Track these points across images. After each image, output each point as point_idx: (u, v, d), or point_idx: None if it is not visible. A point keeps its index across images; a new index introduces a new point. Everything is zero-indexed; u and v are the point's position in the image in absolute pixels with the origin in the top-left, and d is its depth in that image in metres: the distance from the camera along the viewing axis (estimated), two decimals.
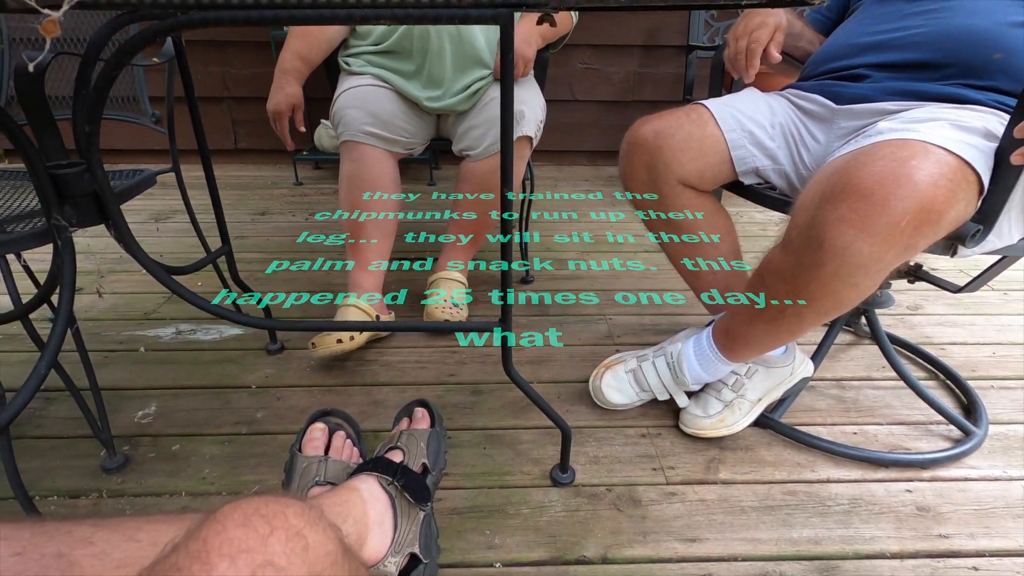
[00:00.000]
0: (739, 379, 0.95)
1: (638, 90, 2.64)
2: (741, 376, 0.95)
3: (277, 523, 0.30)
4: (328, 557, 0.31)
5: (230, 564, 0.26)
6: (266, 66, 2.47)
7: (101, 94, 0.63)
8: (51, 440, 0.97)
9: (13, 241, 0.74)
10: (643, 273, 1.62)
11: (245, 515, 0.29)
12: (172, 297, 1.44)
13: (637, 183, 0.96)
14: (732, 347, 0.90)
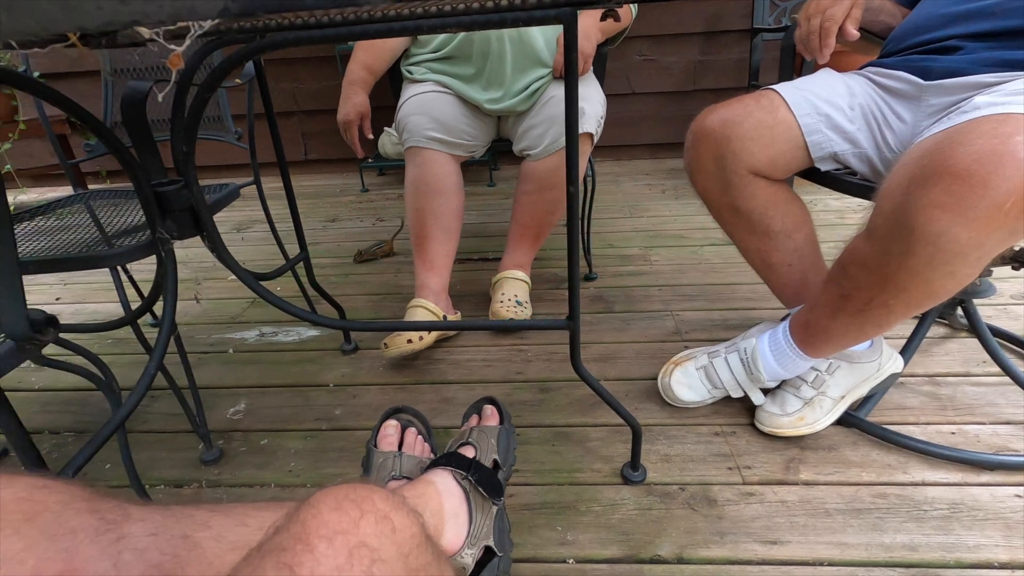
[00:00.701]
0: (820, 375, 0.91)
1: (699, 79, 2.56)
2: (822, 372, 0.90)
3: (366, 507, 0.31)
4: (413, 539, 0.32)
5: (328, 545, 0.28)
6: (332, 79, 2.58)
7: (196, 116, 0.68)
8: (156, 434, 1.06)
9: (123, 254, 0.82)
10: (710, 267, 1.57)
11: (337, 500, 0.31)
12: (255, 302, 1.54)
13: (704, 175, 0.93)
14: (812, 342, 0.86)
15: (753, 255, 0.97)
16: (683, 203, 2.09)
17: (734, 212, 0.93)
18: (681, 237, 1.78)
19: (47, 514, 0.30)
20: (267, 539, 0.30)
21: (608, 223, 1.95)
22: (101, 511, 0.32)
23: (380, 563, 0.29)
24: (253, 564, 0.28)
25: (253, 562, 0.28)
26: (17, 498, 0.29)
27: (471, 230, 1.93)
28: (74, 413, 1.14)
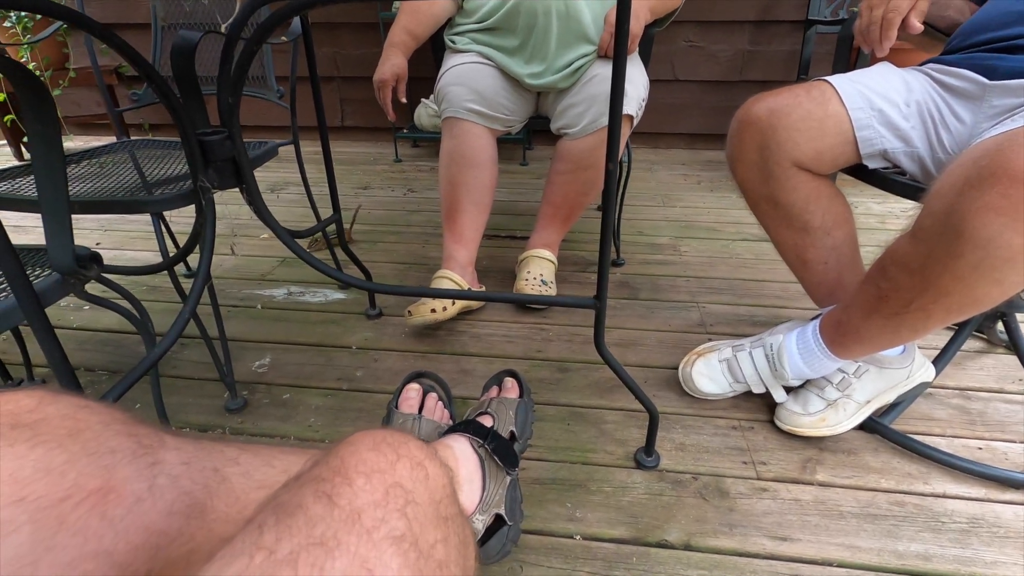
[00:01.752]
0: (846, 378, 0.89)
1: (746, 69, 2.49)
2: (849, 375, 0.89)
3: (402, 451, 0.32)
4: (444, 489, 0.33)
5: (366, 481, 0.29)
6: (374, 46, 2.58)
7: (243, 68, 0.69)
8: (184, 380, 1.10)
9: (164, 201, 0.84)
10: (741, 261, 1.54)
11: (375, 441, 0.32)
12: (285, 261, 1.57)
13: (746, 164, 0.91)
14: (842, 342, 0.84)
15: (788, 250, 0.95)
16: (718, 196, 2.05)
17: (773, 204, 0.91)
18: (713, 230, 1.75)
19: (88, 432, 0.31)
20: (305, 471, 0.31)
21: (639, 210, 1.92)
22: (138, 435, 0.33)
23: (413, 505, 0.29)
24: (292, 491, 0.29)
25: (292, 489, 0.29)
26: (61, 415, 0.31)
27: (500, 207, 1.93)
28: (108, 353, 1.19)
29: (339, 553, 0.25)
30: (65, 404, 0.32)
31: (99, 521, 0.29)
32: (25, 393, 0.31)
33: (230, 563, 0.25)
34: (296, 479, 0.30)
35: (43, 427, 0.29)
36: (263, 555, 0.25)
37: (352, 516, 0.27)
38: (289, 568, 0.24)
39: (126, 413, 0.35)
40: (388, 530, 0.27)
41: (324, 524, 0.26)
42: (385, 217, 1.89)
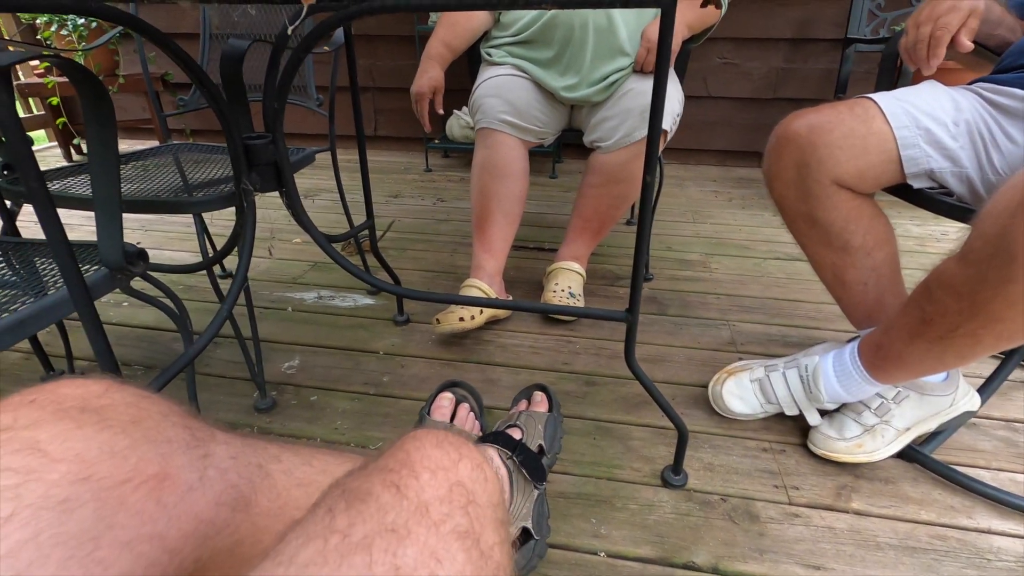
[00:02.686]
0: (885, 403, 0.86)
1: (781, 87, 2.46)
2: (888, 400, 0.86)
3: (464, 452, 0.33)
4: (498, 494, 0.33)
5: (431, 476, 0.29)
6: (408, 59, 2.63)
7: (289, 75, 0.71)
8: (216, 378, 1.12)
9: (207, 202, 0.87)
10: (773, 280, 1.51)
11: (438, 439, 0.32)
12: (316, 265, 1.59)
13: (784, 182, 0.89)
14: (882, 366, 0.82)
15: (826, 270, 0.93)
16: (750, 213, 2.02)
17: (811, 222, 0.89)
18: (745, 248, 1.72)
19: (149, 421, 0.32)
20: (370, 461, 0.32)
21: (669, 226, 1.91)
22: (192, 428, 0.34)
23: (474, 505, 0.30)
24: (360, 478, 0.29)
25: (359, 476, 0.30)
26: (126, 402, 0.32)
27: (529, 219, 1.93)
28: (144, 349, 1.22)
29: (410, 542, 0.25)
30: (129, 393, 0.33)
31: (155, 505, 0.29)
32: (94, 380, 0.32)
33: (305, 544, 0.25)
34: (362, 468, 0.31)
35: (109, 412, 0.31)
36: (338, 538, 0.25)
37: (420, 508, 0.27)
38: (363, 552, 0.25)
39: (181, 406, 0.36)
40: (454, 525, 0.27)
41: (395, 512, 0.27)
42: (415, 225, 1.91)
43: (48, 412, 0.29)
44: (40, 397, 0.30)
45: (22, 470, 0.26)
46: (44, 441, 0.27)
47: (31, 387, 0.31)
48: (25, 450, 0.27)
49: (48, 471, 0.26)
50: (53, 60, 0.49)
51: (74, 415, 0.29)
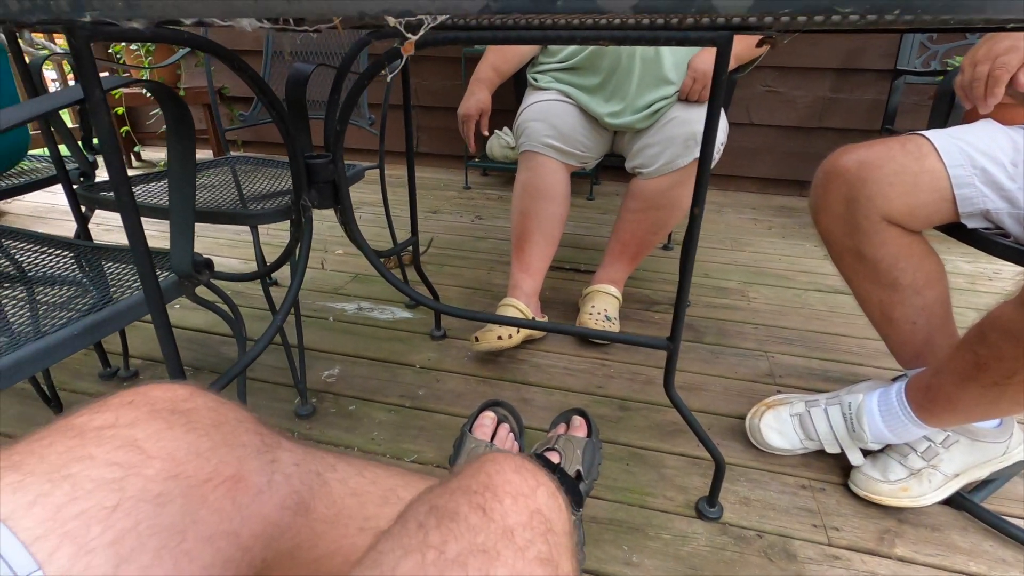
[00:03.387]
0: (933, 447, 0.83)
1: (826, 116, 2.43)
2: (936, 444, 0.83)
3: (540, 479, 0.34)
4: (570, 523, 0.34)
5: (513, 502, 0.31)
6: (453, 79, 2.70)
7: (353, 99, 0.74)
8: (260, 383, 1.16)
9: (265, 215, 0.91)
10: (813, 313, 1.49)
11: (516, 465, 0.34)
12: (357, 277, 1.64)
13: (831, 215, 0.89)
14: (931, 409, 0.80)
15: (873, 306, 0.91)
16: (790, 243, 1.99)
17: (859, 258, 0.88)
18: (784, 278, 1.70)
19: (227, 426, 0.34)
20: (451, 480, 0.33)
21: (707, 252, 1.89)
22: (262, 434, 0.36)
23: (552, 533, 0.31)
24: (445, 496, 0.31)
25: (444, 495, 0.31)
26: (208, 407, 0.34)
27: (566, 240, 1.94)
28: (194, 351, 1.27)
29: (500, 564, 0.27)
30: (210, 399, 0.35)
31: (231, 505, 0.31)
32: (180, 385, 0.35)
33: (404, 557, 0.27)
34: (443, 486, 0.32)
35: (194, 416, 0.33)
36: (434, 554, 0.26)
37: (506, 532, 0.28)
38: (459, 569, 0.26)
39: (252, 413, 0.38)
40: (536, 552, 0.28)
41: (484, 534, 0.28)
42: (453, 242, 1.95)
43: (144, 413, 0.32)
44: (136, 399, 0.33)
45: (125, 464, 0.28)
46: (141, 439, 0.30)
47: (128, 390, 0.34)
48: (127, 446, 0.29)
49: (145, 467, 0.29)
50: (147, 85, 0.53)
51: (165, 416, 0.32)
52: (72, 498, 0.25)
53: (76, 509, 0.25)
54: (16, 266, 0.81)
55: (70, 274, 0.79)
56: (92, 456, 0.28)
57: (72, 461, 0.27)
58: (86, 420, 0.30)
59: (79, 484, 0.26)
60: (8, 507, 0.24)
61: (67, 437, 0.29)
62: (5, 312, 0.72)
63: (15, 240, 0.85)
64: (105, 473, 0.27)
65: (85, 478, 0.27)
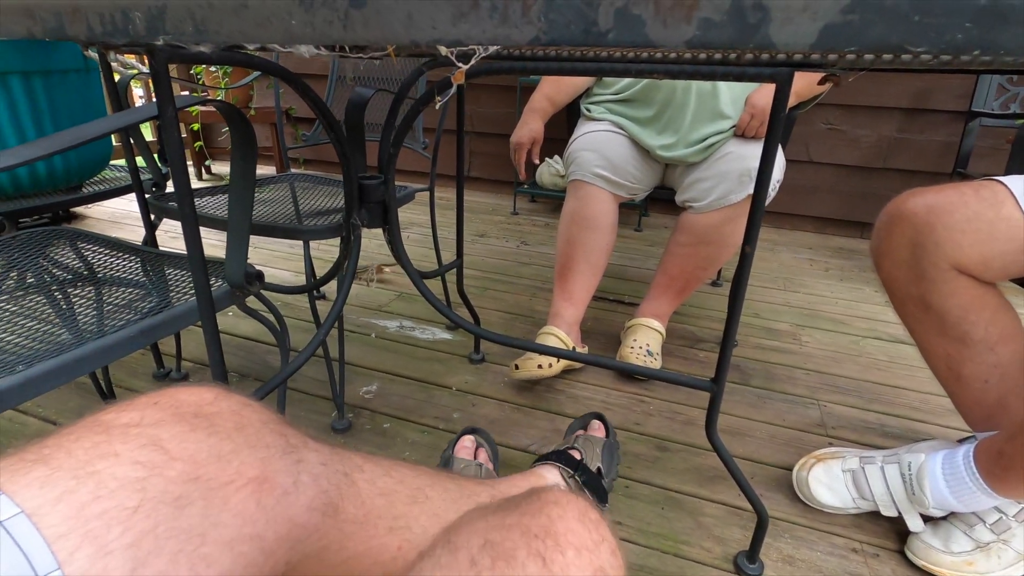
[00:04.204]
0: (1004, 519, 0.76)
1: (891, 157, 2.34)
2: (1008, 517, 0.76)
3: (604, 533, 0.32)
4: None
5: (576, 555, 0.29)
6: (508, 107, 2.76)
7: (408, 124, 0.76)
8: (299, 393, 1.18)
9: (317, 231, 0.94)
10: (872, 362, 1.40)
11: (579, 511, 0.32)
12: (401, 295, 1.67)
13: (894, 261, 0.84)
14: (1003, 477, 0.73)
15: (939, 360, 0.85)
16: (848, 286, 1.90)
17: (924, 307, 0.83)
18: (840, 323, 1.62)
19: (250, 428, 0.34)
20: (507, 512, 0.31)
21: (758, 291, 1.83)
22: (287, 435, 0.37)
23: None
24: (502, 533, 0.29)
25: (501, 530, 0.30)
26: (231, 410, 0.35)
27: (610, 271, 1.92)
28: (241, 358, 1.31)
29: None
30: (234, 401, 0.36)
31: (255, 507, 0.31)
32: (206, 388, 0.36)
33: None
34: (498, 517, 0.31)
35: (217, 419, 0.33)
36: None
37: None
38: None
39: (277, 415, 0.39)
40: None
41: None
42: (497, 266, 1.96)
43: (168, 414, 0.32)
44: (162, 400, 0.33)
45: (147, 464, 0.29)
46: (165, 440, 0.30)
47: (154, 391, 0.35)
48: (151, 445, 0.30)
49: (167, 468, 0.29)
50: (216, 104, 0.57)
51: (189, 419, 0.32)
52: (96, 496, 0.26)
53: (99, 508, 0.26)
54: (88, 267, 0.86)
55: (135, 277, 0.83)
56: (117, 453, 0.28)
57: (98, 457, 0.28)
58: (113, 417, 0.31)
59: (103, 482, 0.27)
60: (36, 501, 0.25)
61: (94, 433, 0.29)
62: (75, 310, 0.77)
63: (89, 243, 0.91)
64: (129, 472, 0.28)
65: (109, 476, 0.27)
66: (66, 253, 0.89)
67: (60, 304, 0.78)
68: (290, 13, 0.24)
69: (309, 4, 0.23)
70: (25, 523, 0.24)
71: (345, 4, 0.23)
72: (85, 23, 0.28)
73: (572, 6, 0.20)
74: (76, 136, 0.45)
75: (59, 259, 0.87)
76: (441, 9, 0.21)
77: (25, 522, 0.24)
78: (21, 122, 1.02)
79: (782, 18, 0.19)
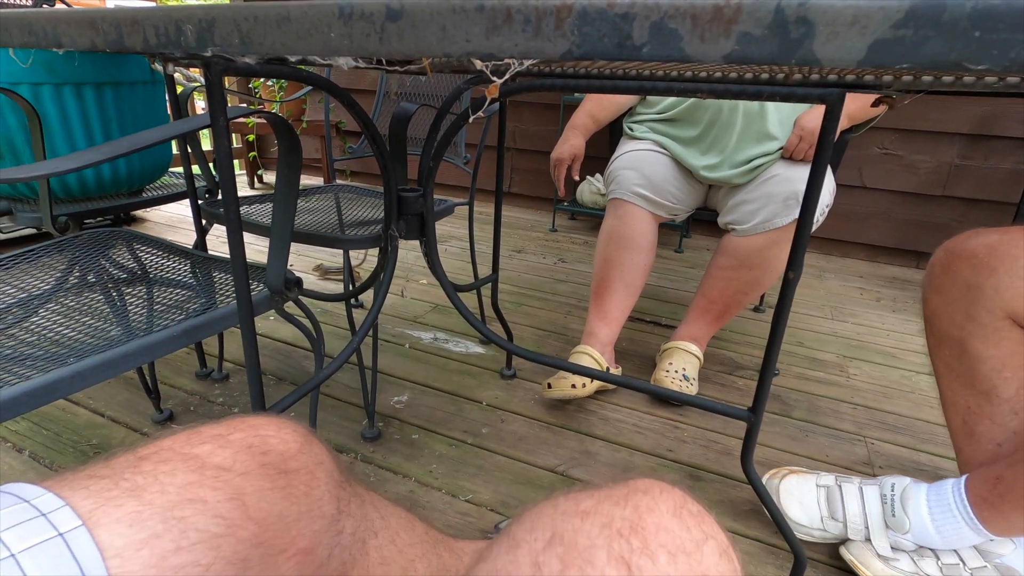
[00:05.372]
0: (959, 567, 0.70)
1: (953, 184, 2.23)
2: (963, 566, 0.70)
3: (707, 529, 0.26)
4: None
5: (670, 561, 0.23)
6: (550, 124, 2.77)
7: (448, 139, 0.78)
8: (332, 400, 1.20)
9: (357, 240, 0.96)
10: (924, 399, 1.32)
11: (675, 505, 0.26)
12: (436, 308, 1.68)
13: (945, 298, 0.79)
14: (998, 506, 0.67)
15: (957, 412, 0.79)
16: (901, 318, 1.81)
17: (960, 353, 0.77)
18: (892, 356, 1.54)
19: (316, 492, 0.35)
20: (585, 497, 0.27)
21: (803, 319, 1.76)
22: (339, 499, 0.37)
23: None
24: (574, 523, 0.25)
25: (574, 521, 0.25)
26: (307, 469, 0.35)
27: (648, 292, 1.89)
28: (279, 361, 1.35)
29: None
30: (312, 456, 0.36)
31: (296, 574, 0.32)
32: (292, 432, 0.35)
33: None
34: (573, 501, 0.26)
35: (295, 478, 0.34)
36: None
37: None
38: None
39: (341, 465, 0.38)
40: None
41: None
42: (533, 282, 1.96)
43: (256, 464, 0.32)
44: (255, 444, 0.33)
45: (228, 522, 0.29)
46: (248, 495, 0.30)
47: (248, 426, 0.35)
48: (235, 499, 0.30)
49: (242, 529, 0.29)
50: (267, 116, 0.59)
51: (272, 476, 0.33)
52: (177, 548, 0.26)
53: (177, 561, 0.26)
54: (142, 268, 0.90)
55: (184, 279, 0.87)
56: (205, 500, 0.28)
57: (187, 501, 0.28)
58: (208, 452, 0.31)
59: (186, 533, 0.27)
60: (122, 540, 0.25)
61: (188, 468, 0.30)
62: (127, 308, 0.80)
63: (144, 245, 0.96)
64: (210, 526, 0.28)
65: (192, 527, 0.27)
66: (123, 253, 0.93)
67: (115, 302, 0.82)
68: (329, 26, 0.24)
69: (347, 17, 0.23)
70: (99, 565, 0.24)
71: (382, 17, 0.23)
72: (142, 35, 0.30)
73: (606, 19, 0.19)
74: (135, 142, 0.47)
75: (117, 259, 0.91)
76: (475, 22, 0.21)
77: (100, 564, 0.24)
78: (91, 128, 1.09)
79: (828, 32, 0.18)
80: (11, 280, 0.82)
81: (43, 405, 0.53)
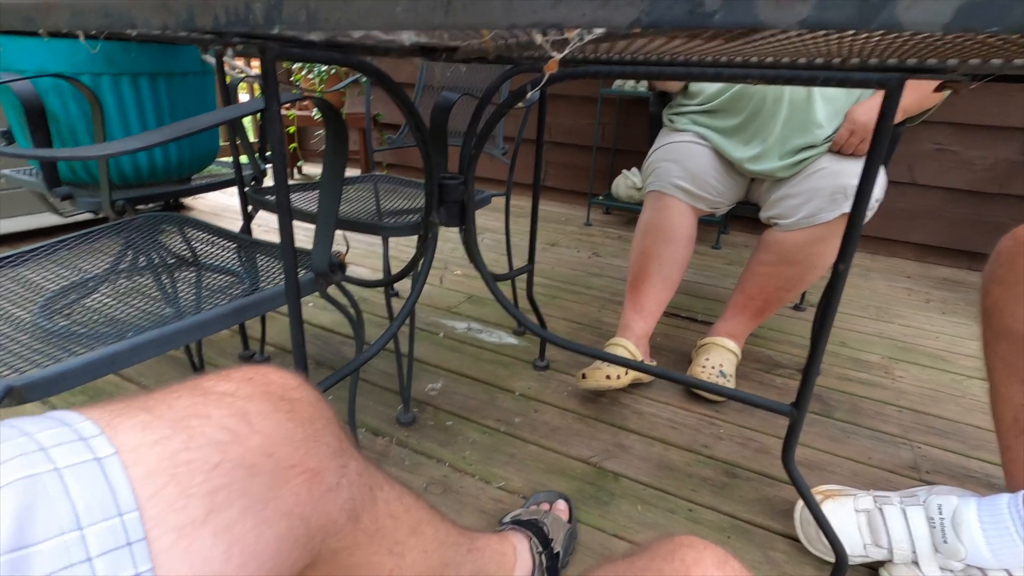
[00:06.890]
0: None
1: (1010, 182, 2.12)
2: None
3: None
4: None
5: None
6: (587, 118, 2.75)
7: (490, 127, 0.78)
8: (369, 385, 1.22)
9: (396, 228, 0.98)
10: (975, 404, 1.27)
11: (719, 559, 0.30)
12: (471, 298, 1.69)
13: (1010, 290, 0.75)
14: None
15: (1009, 409, 0.75)
16: (952, 320, 1.73)
17: (1020, 346, 0.74)
18: (940, 359, 1.48)
19: (319, 422, 0.37)
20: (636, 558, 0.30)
21: (846, 319, 1.71)
22: (341, 440, 0.39)
23: None
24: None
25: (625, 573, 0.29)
26: (308, 401, 0.37)
27: (685, 287, 1.86)
28: (318, 346, 1.38)
29: None
30: (313, 394, 0.38)
31: (307, 492, 0.34)
32: (293, 374, 0.38)
33: None
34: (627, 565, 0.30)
35: (297, 406, 0.36)
36: None
37: None
38: None
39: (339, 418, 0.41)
40: None
41: None
42: (567, 276, 1.95)
43: (259, 391, 0.35)
44: (256, 377, 0.36)
45: (233, 431, 0.31)
46: (252, 414, 0.33)
47: (249, 366, 0.38)
48: (239, 415, 0.32)
49: (248, 439, 0.32)
50: (317, 102, 0.60)
51: (275, 400, 0.35)
52: (186, 447, 0.29)
53: (187, 457, 0.28)
54: (192, 251, 0.94)
55: (230, 264, 0.90)
56: (209, 416, 0.31)
57: (193, 416, 0.31)
58: (212, 384, 0.34)
59: (194, 437, 0.29)
60: (136, 440, 0.28)
61: (195, 395, 0.32)
62: (178, 290, 0.84)
63: (194, 228, 0.99)
64: (216, 434, 0.30)
65: (200, 433, 0.30)
66: (174, 236, 0.97)
67: (165, 285, 0.85)
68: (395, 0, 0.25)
69: None
70: (117, 464, 0.26)
71: None
72: (212, 14, 0.31)
73: None
74: (194, 124, 0.49)
75: (167, 243, 0.95)
76: None
77: (117, 463, 0.26)
78: (145, 116, 1.14)
79: None
80: (70, 262, 0.87)
81: (102, 376, 0.56)
